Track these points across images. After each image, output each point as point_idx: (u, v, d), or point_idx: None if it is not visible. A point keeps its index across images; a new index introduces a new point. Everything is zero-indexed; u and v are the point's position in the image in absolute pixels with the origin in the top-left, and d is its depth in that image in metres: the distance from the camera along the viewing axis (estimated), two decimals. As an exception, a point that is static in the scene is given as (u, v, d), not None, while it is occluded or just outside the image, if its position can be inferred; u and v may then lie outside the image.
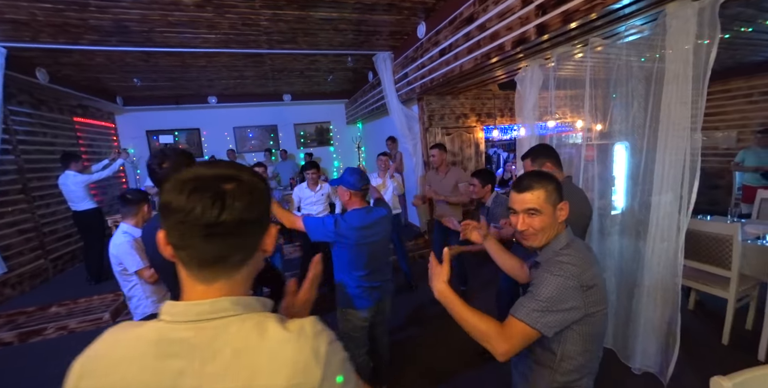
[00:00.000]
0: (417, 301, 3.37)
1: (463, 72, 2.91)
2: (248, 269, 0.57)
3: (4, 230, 3.62)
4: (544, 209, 1.00)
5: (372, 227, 1.71)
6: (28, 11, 2.59)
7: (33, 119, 4.29)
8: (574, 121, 4.39)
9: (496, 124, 4.64)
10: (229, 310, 0.51)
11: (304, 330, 0.53)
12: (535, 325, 0.89)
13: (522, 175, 1.10)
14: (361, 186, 1.74)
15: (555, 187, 1.03)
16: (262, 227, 0.56)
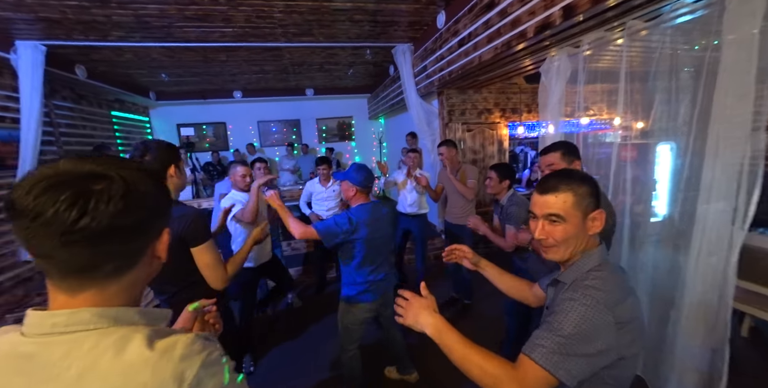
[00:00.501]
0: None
1: (482, 63, 2.69)
2: (131, 278, 0.49)
3: (45, 216, 3.92)
4: (570, 216, 0.82)
5: (378, 221, 1.73)
6: (58, 10, 2.72)
7: (74, 113, 4.59)
8: (611, 118, 3.99)
9: (522, 121, 4.33)
10: (89, 323, 0.44)
11: (171, 350, 0.44)
12: (555, 372, 0.70)
13: (550, 174, 0.90)
14: (367, 184, 1.76)
15: (589, 190, 0.84)
16: (146, 234, 0.49)
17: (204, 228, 1.28)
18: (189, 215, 1.25)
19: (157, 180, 0.51)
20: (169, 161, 1.27)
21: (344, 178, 1.76)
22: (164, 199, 0.52)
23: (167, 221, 0.54)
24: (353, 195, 1.76)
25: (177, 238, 1.22)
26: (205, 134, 7.08)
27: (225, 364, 0.49)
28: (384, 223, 1.79)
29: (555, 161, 1.57)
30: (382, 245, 1.79)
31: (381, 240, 1.77)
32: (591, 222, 0.83)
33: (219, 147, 7.03)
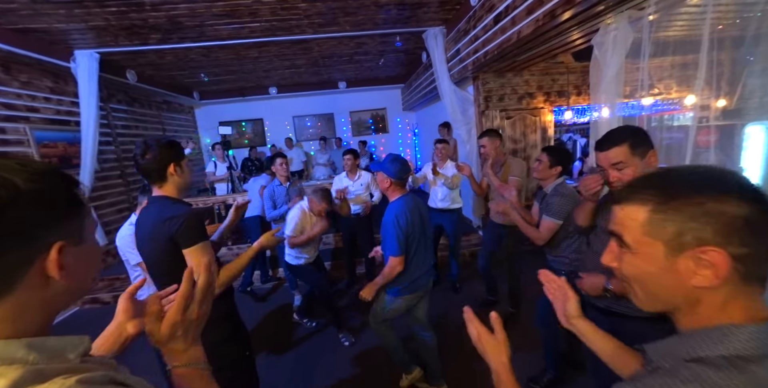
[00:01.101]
0: (457, 303, 3.04)
1: (521, 39, 2.37)
2: (13, 305, 0.40)
3: (106, 209, 4.32)
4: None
5: (416, 213, 1.74)
6: (102, 17, 2.89)
7: (128, 115, 5.00)
8: (681, 96, 3.40)
9: (569, 105, 3.86)
10: None
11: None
12: None
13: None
14: (402, 176, 1.74)
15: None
16: (15, 250, 0.39)
17: (196, 229, 1.21)
18: (181, 216, 1.19)
19: (38, 179, 0.41)
20: (169, 160, 1.24)
21: (379, 169, 1.76)
22: (52, 203, 0.43)
23: (63, 231, 0.44)
24: (388, 187, 1.75)
25: (168, 239, 1.18)
26: (245, 131, 7.39)
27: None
28: (423, 214, 1.80)
29: (623, 158, 1.11)
30: (422, 237, 1.78)
31: (422, 232, 1.76)
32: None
33: (257, 143, 7.29)
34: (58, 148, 3.69)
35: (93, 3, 2.64)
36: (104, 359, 0.52)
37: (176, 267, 1.21)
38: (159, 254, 1.23)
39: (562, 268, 1.85)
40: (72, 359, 0.44)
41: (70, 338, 0.45)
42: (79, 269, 0.46)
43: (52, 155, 3.61)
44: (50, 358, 0.41)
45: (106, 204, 4.32)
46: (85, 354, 0.46)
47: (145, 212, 1.30)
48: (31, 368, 0.38)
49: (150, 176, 1.26)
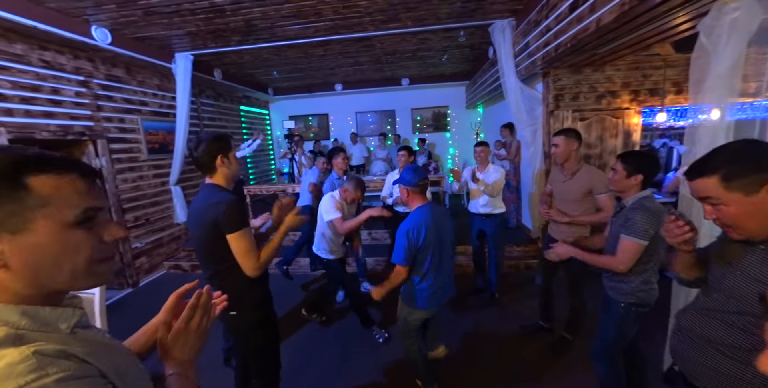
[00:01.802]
0: (493, 318, 2.82)
1: (600, 29, 2.04)
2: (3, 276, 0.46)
3: (191, 190, 5.02)
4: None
5: (438, 223, 1.72)
6: (194, 24, 3.32)
7: (214, 109, 5.72)
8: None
9: (664, 105, 3.22)
10: None
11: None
12: None
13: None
14: (417, 182, 1.72)
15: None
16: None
17: (239, 215, 1.31)
18: (224, 203, 1.28)
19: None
20: (217, 152, 1.36)
21: (398, 182, 1.78)
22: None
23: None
24: (407, 196, 1.77)
25: (213, 223, 1.28)
26: (311, 125, 7.87)
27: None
28: (446, 224, 1.77)
29: (713, 193, 0.83)
30: (440, 251, 1.74)
31: (439, 245, 1.72)
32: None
33: (321, 137, 7.72)
34: (159, 135, 4.40)
35: (188, 11, 3.04)
36: (98, 335, 0.57)
37: (217, 251, 1.33)
38: (203, 237, 1.35)
39: (619, 298, 1.57)
40: (63, 329, 0.50)
41: (65, 310, 0.51)
42: (29, 259, 0.46)
43: (154, 142, 4.32)
44: (40, 325, 0.47)
45: (190, 185, 5.02)
46: (77, 326, 0.52)
47: (196, 197, 1.44)
48: (13, 332, 0.44)
49: (202, 167, 1.39)
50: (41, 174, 0.47)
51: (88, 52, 3.46)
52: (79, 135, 3.41)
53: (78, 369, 0.44)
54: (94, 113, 3.57)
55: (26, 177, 0.46)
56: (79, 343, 0.50)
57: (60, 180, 0.48)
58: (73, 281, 0.50)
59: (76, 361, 0.45)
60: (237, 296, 1.35)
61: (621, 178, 1.55)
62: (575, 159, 2.15)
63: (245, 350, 1.54)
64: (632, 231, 1.44)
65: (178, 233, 4.75)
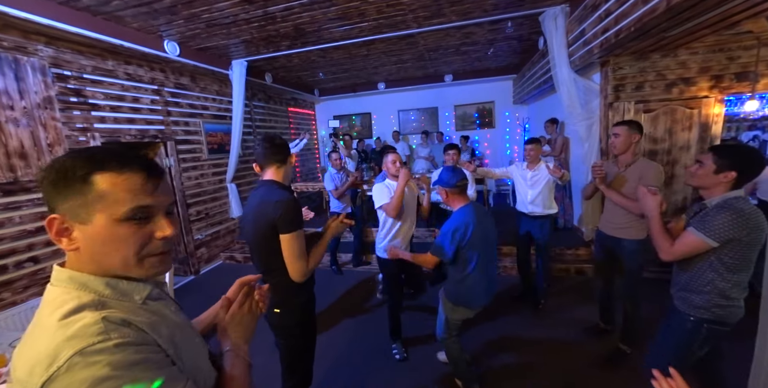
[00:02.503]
0: (537, 325, 2.66)
1: (672, 8, 1.81)
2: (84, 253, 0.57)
3: (244, 187, 5.42)
4: None
5: (483, 223, 1.71)
6: (248, 32, 3.57)
7: (264, 110, 6.10)
8: None
9: (755, 91, 2.76)
10: (63, 281, 0.55)
11: (69, 326, 0.47)
12: None
13: None
14: (455, 183, 1.72)
15: None
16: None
17: (296, 216, 1.31)
18: (284, 202, 1.29)
19: (50, 164, 0.54)
20: (290, 150, 1.51)
21: (437, 184, 1.79)
22: (54, 181, 0.54)
23: (59, 207, 0.54)
24: (446, 198, 1.78)
25: (270, 221, 1.30)
26: (354, 124, 8.04)
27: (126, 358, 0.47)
28: (489, 224, 1.77)
29: None
30: (484, 252, 1.74)
31: (483, 247, 1.72)
32: None
33: (364, 135, 7.85)
34: (217, 137, 4.81)
35: (243, 21, 3.27)
36: (167, 308, 0.65)
37: (271, 249, 1.34)
38: (259, 235, 1.35)
39: (689, 311, 1.39)
40: (136, 299, 0.59)
41: (139, 284, 0.60)
42: (91, 246, 0.55)
43: (213, 142, 4.74)
44: (119, 295, 0.57)
45: (244, 183, 5.42)
46: (149, 298, 0.61)
47: (254, 193, 1.45)
48: (97, 298, 0.54)
49: (274, 157, 1.43)
50: (104, 172, 0.53)
51: (161, 64, 3.89)
52: (153, 138, 3.85)
53: (135, 337, 0.51)
54: (165, 118, 4.00)
55: (92, 174, 0.52)
56: (145, 313, 0.58)
57: (117, 178, 0.54)
58: (125, 268, 0.57)
59: (136, 329, 0.53)
60: (284, 295, 1.41)
61: (707, 173, 1.34)
62: (633, 151, 2.07)
63: (284, 346, 1.55)
64: (704, 227, 1.28)
65: (233, 227, 5.16)
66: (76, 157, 0.53)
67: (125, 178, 0.54)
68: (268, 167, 1.44)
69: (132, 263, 0.56)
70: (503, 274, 3.70)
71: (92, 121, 3.19)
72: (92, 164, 0.53)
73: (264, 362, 2.33)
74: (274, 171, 1.43)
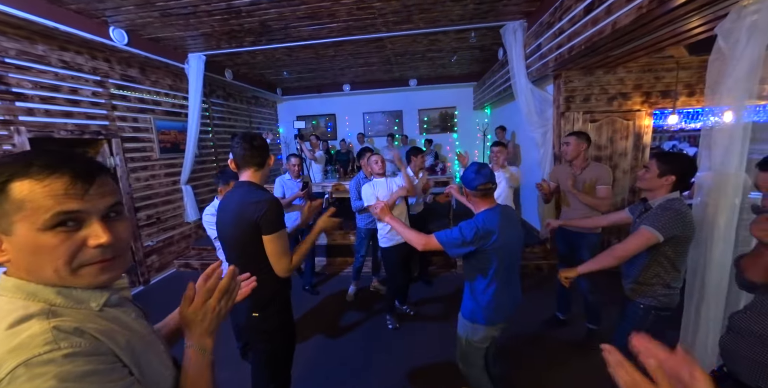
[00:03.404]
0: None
1: (616, 31, 2.05)
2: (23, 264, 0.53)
3: (201, 189, 5.07)
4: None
5: (509, 228, 1.51)
6: (209, 24, 3.37)
7: (224, 108, 5.77)
8: None
9: (676, 107, 3.22)
10: (8, 290, 0.51)
11: (15, 336, 0.44)
12: None
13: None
14: (476, 185, 1.49)
15: None
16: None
17: (278, 217, 1.30)
18: (265, 202, 1.28)
19: None
20: (269, 152, 1.44)
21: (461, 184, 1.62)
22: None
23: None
24: (468, 200, 1.61)
25: (251, 222, 1.27)
26: (319, 125, 7.90)
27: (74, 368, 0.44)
28: (515, 231, 1.56)
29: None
30: (513, 257, 1.56)
31: (512, 250, 1.54)
32: None
33: (329, 137, 7.75)
34: (170, 135, 4.45)
35: (204, 13, 3.08)
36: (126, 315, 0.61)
37: (252, 251, 1.32)
38: (239, 237, 1.33)
39: (640, 300, 1.58)
40: (93, 307, 0.55)
41: (93, 291, 0.56)
42: (21, 258, 0.50)
43: (166, 141, 4.37)
44: (73, 303, 0.53)
45: (201, 184, 5.07)
46: (106, 304, 0.57)
47: (230, 195, 1.41)
48: (47, 307, 0.50)
49: (252, 160, 1.38)
50: (23, 179, 0.49)
51: (105, 53, 3.52)
52: (95, 134, 3.46)
53: (88, 346, 0.48)
54: (109, 113, 3.62)
55: (9, 183, 0.48)
56: (101, 320, 0.54)
57: (36, 184, 0.49)
58: (61, 280, 0.52)
59: (89, 338, 0.49)
60: (264, 298, 1.37)
61: (652, 177, 1.53)
62: (583, 158, 2.36)
63: (262, 352, 1.50)
64: (654, 222, 1.43)
65: (188, 232, 4.80)
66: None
67: (47, 183, 0.49)
68: (246, 169, 1.40)
69: (64, 274, 0.51)
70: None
71: (16, 112, 2.79)
72: (9, 172, 0.49)
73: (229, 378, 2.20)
74: (252, 174, 1.40)
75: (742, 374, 0.99)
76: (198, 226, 4.98)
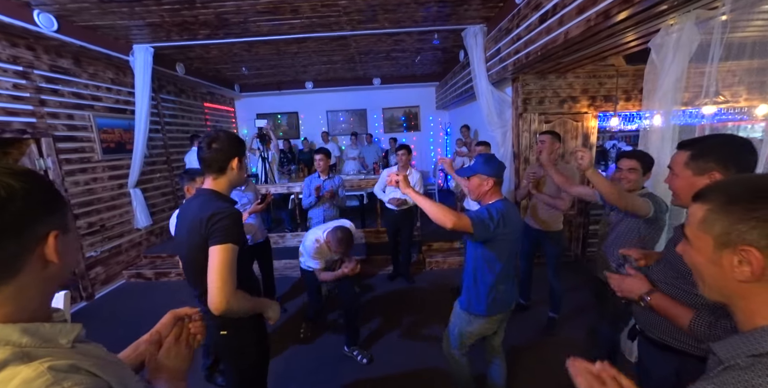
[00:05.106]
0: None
1: (568, 41, 2.23)
2: (15, 288, 0.46)
3: (152, 192, 4.67)
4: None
5: (515, 221, 1.53)
6: (158, 14, 3.09)
7: (175, 105, 5.34)
8: (753, 105, 3.05)
9: (616, 111, 3.58)
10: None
11: (4, 385, 0.40)
12: None
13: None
14: (501, 174, 1.54)
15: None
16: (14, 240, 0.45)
17: (232, 228, 1.14)
18: (223, 213, 1.15)
19: (26, 180, 0.47)
20: (233, 154, 1.23)
21: (473, 173, 1.54)
22: (43, 199, 0.49)
23: (54, 222, 0.51)
24: (488, 190, 1.52)
25: (204, 237, 1.14)
26: (280, 123, 7.63)
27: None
28: (519, 223, 1.58)
29: (680, 167, 1.06)
30: (513, 247, 1.59)
31: (514, 240, 1.56)
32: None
33: (291, 135, 7.51)
34: (114, 134, 4.03)
35: (152, 1, 2.82)
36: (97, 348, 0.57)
37: (206, 266, 1.14)
38: (195, 252, 1.20)
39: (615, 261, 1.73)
40: (63, 344, 0.49)
41: (64, 325, 0.51)
42: (69, 253, 0.53)
43: (110, 140, 3.96)
44: (41, 342, 0.47)
45: (152, 187, 4.67)
46: (76, 340, 0.52)
47: (190, 203, 1.28)
48: (18, 350, 0.44)
49: (210, 167, 1.23)
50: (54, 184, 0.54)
51: (27, 39, 3.08)
52: (18, 133, 3.03)
53: (90, 383, 0.45)
54: (37, 108, 3.19)
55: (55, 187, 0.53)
56: (83, 357, 0.50)
57: None
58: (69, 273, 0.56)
59: (87, 374, 0.46)
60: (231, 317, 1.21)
61: (638, 177, 1.66)
62: (555, 156, 2.51)
63: (235, 370, 1.40)
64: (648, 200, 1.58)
65: (139, 239, 4.40)
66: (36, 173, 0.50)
67: None
68: (207, 176, 1.26)
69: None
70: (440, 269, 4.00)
71: None
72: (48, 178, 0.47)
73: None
74: (212, 181, 1.25)
75: (646, 329, 1.14)
76: (150, 232, 4.58)
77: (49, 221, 0.50)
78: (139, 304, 3.45)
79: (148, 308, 3.27)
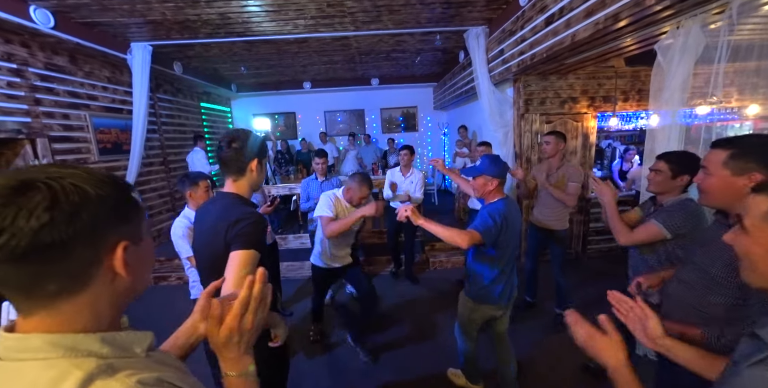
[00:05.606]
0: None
1: (575, 43, 2.28)
2: (88, 300, 0.44)
3: (149, 194, 4.58)
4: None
5: (515, 218, 1.64)
6: (159, 12, 3.03)
7: (172, 105, 5.25)
8: (743, 105, 3.17)
9: (615, 111, 3.67)
10: (39, 351, 0.40)
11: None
12: None
13: None
14: (504, 174, 1.64)
15: None
16: (88, 249, 0.42)
17: (256, 235, 1.08)
18: (247, 219, 1.09)
19: (107, 187, 0.44)
20: (254, 154, 1.16)
21: (479, 173, 1.62)
22: (117, 207, 0.46)
23: (126, 232, 0.47)
24: (492, 189, 1.62)
25: (227, 243, 1.08)
26: (277, 124, 7.56)
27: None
28: (519, 220, 1.69)
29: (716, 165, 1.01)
30: (513, 247, 1.70)
31: (516, 237, 1.70)
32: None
33: (288, 136, 7.46)
34: (111, 134, 3.94)
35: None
36: (166, 355, 0.55)
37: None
38: (214, 254, 1.13)
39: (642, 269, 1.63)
40: (138, 353, 0.48)
41: (137, 333, 0.49)
42: (140, 266, 0.50)
43: (106, 141, 3.86)
44: (120, 351, 0.46)
45: (149, 189, 4.57)
46: (149, 349, 0.50)
47: (210, 206, 1.23)
48: (102, 362, 0.42)
49: (228, 167, 1.17)
50: (132, 192, 0.53)
51: (21, 36, 2.99)
52: (13, 133, 2.94)
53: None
54: (32, 108, 3.10)
55: (132, 194, 0.52)
56: (162, 367, 0.49)
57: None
58: (144, 288, 0.54)
59: (172, 387, 0.45)
60: None
61: (666, 180, 1.49)
62: (560, 156, 2.58)
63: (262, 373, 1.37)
64: (663, 219, 1.44)
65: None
66: (115, 179, 0.49)
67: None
68: (226, 178, 1.21)
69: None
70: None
71: None
72: (128, 184, 0.51)
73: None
74: (231, 183, 1.19)
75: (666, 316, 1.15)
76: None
77: (122, 230, 0.47)
78: (138, 308, 3.34)
79: (147, 312, 3.19)
